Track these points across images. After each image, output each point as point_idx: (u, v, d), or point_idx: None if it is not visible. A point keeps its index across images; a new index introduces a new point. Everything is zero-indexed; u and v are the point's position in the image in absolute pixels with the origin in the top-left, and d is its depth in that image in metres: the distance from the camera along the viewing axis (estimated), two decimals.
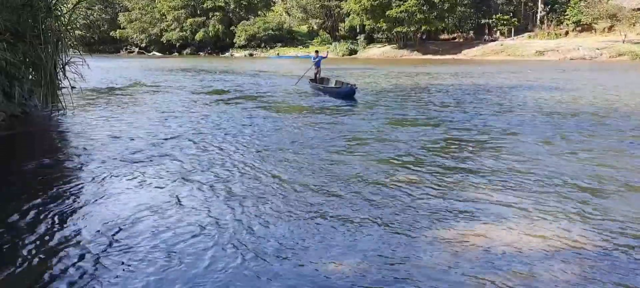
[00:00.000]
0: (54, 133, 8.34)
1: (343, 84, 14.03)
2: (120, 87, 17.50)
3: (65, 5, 9.98)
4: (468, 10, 56.17)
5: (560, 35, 49.58)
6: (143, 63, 39.76)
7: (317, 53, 17.18)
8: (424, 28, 52.64)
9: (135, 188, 4.95)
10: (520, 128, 8.58)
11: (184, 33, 68.27)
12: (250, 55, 61.56)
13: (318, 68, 16.59)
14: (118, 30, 70.84)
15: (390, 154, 6.46)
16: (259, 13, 68.52)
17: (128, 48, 72.85)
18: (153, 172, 5.54)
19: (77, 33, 10.77)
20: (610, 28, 46.19)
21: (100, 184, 5.05)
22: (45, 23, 8.73)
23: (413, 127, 8.77)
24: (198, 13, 68.96)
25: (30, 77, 9.37)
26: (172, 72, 27.39)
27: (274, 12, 69.76)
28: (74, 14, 10.02)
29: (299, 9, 64.00)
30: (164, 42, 69.64)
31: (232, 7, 67.65)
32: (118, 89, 16.53)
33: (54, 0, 9.20)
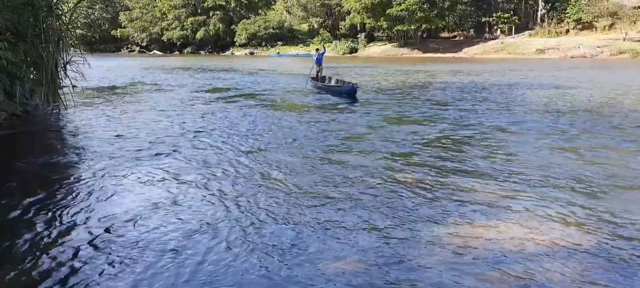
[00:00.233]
0: (55, 132, 8.38)
1: (344, 83, 14.06)
2: (121, 85, 17.54)
3: (66, 5, 10.02)
4: (468, 9, 56.07)
5: (561, 34, 49.53)
6: (144, 62, 39.79)
7: (317, 51, 17.24)
8: (425, 26, 52.65)
9: (137, 186, 4.99)
10: (521, 126, 8.60)
11: (185, 32, 68.33)
12: (251, 54, 61.56)
13: (320, 66, 16.64)
14: (119, 29, 70.90)
15: (390, 153, 6.50)
16: (260, 12, 68.52)
17: (129, 47, 72.89)
18: (154, 170, 5.58)
19: (78, 32, 10.82)
20: (611, 26, 46.17)
21: (102, 182, 5.08)
22: (47, 22, 8.77)
23: (412, 125, 8.79)
24: (199, 12, 68.98)
25: (32, 76, 9.41)
26: (172, 71, 27.41)
27: (275, 10, 69.73)
28: (75, 13, 10.06)
29: (300, 8, 63.98)
30: (165, 41, 69.70)
31: (232, 5, 67.65)
32: (119, 88, 16.57)
33: (55, 0, 9.24)
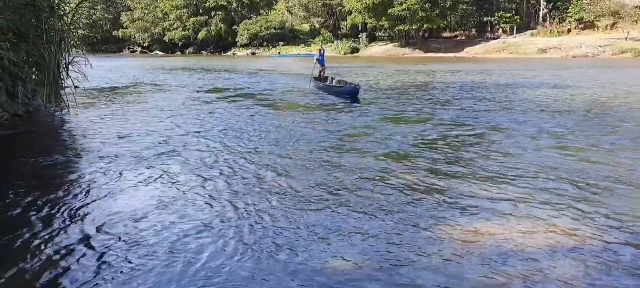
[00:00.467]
0: (57, 132, 8.41)
1: (346, 84, 14.04)
2: (123, 86, 17.57)
3: (68, 5, 10.05)
4: (470, 8, 56.01)
5: (563, 33, 49.42)
6: (145, 62, 39.85)
7: (319, 52, 17.20)
8: (426, 26, 52.56)
9: (139, 186, 5.01)
10: (522, 125, 8.60)
11: (187, 32, 68.37)
12: (253, 54, 61.57)
13: (322, 66, 16.63)
14: (121, 30, 70.95)
15: (391, 153, 6.51)
16: (261, 12, 68.50)
17: (131, 47, 72.97)
18: (156, 170, 5.60)
19: (79, 32, 10.83)
20: (613, 25, 46.06)
21: (104, 182, 5.10)
22: (48, 23, 8.80)
23: (413, 125, 8.80)
24: (200, 12, 69.01)
25: (34, 76, 9.44)
26: (174, 71, 27.45)
27: (276, 10, 69.71)
28: (77, 14, 10.09)
29: (301, 8, 63.95)
30: (167, 41, 69.73)
31: (234, 6, 67.67)
32: (121, 88, 16.61)
33: (57, 0, 9.26)
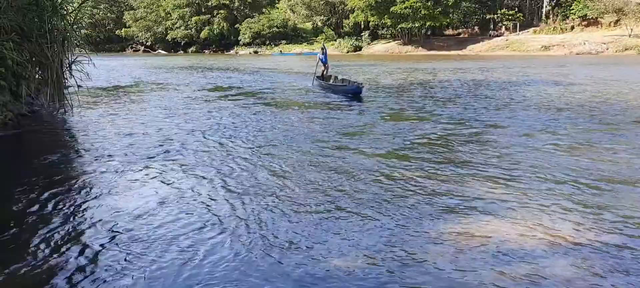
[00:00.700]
0: (61, 131, 8.46)
1: (350, 82, 14.00)
2: (126, 85, 17.63)
3: (71, 5, 10.10)
4: (473, 6, 55.78)
5: (566, 30, 49.17)
6: (148, 61, 39.93)
7: (322, 50, 17.16)
8: (429, 24, 52.38)
9: (143, 184, 5.05)
10: (525, 124, 8.60)
11: (189, 31, 68.46)
12: (255, 53, 61.60)
13: (325, 64, 16.57)
14: (123, 29, 71.14)
15: (393, 151, 6.52)
16: (263, 10, 68.51)
17: (134, 46, 73.12)
18: (159, 168, 5.63)
19: (82, 32, 10.88)
20: (616, 22, 45.80)
21: (107, 181, 5.14)
22: (51, 22, 8.84)
23: (415, 123, 8.81)
24: (203, 11, 69.07)
25: (37, 76, 9.49)
26: (177, 70, 27.50)
27: (279, 9, 69.66)
28: (80, 13, 10.14)
29: (303, 6, 63.86)
30: (169, 40, 69.83)
31: (236, 4, 67.69)
32: (124, 87, 16.66)
33: (60, 0, 9.31)
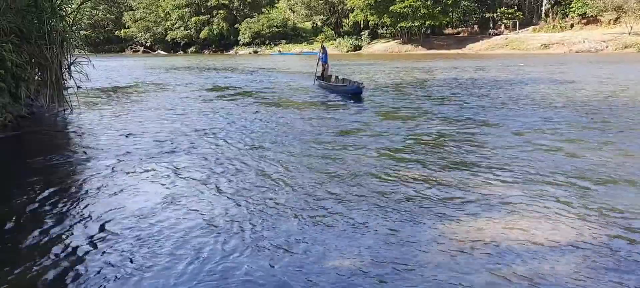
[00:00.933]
0: (61, 132, 8.47)
1: (350, 82, 13.97)
2: (126, 86, 17.64)
3: (70, 6, 10.11)
4: (472, 4, 55.77)
5: (566, 28, 49.15)
6: (148, 62, 39.95)
7: (322, 50, 17.12)
8: (428, 23, 52.38)
9: (143, 185, 5.06)
10: (525, 123, 8.61)
11: (189, 31, 68.48)
12: (255, 53, 61.61)
13: (325, 64, 16.53)
14: (123, 30, 71.14)
15: (392, 150, 6.53)
16: (263, 10, 68.52)
17: (133, 47, 73.15)
18: (159, 168, 5.64)
19: (82, 33, 10.90)
20: (616, 20, 45.75)
21: (107, 182, 5.14)
22: (51, 24, 8.86)
23: (414, 121, 8.80)
24: (202, 11, 69.08)
25: (36, 77, 9.50)
26: (177, 70, 27.51)
27: (278, 9, 69.67)
28: (79, 14, 10.16)
29: (303, 6, 63.83)
30: (169, 40, 69.86)
31: (235, 4, 67.70)
32: (123, 88, 16.67)
33: (59, 1, 9.31)
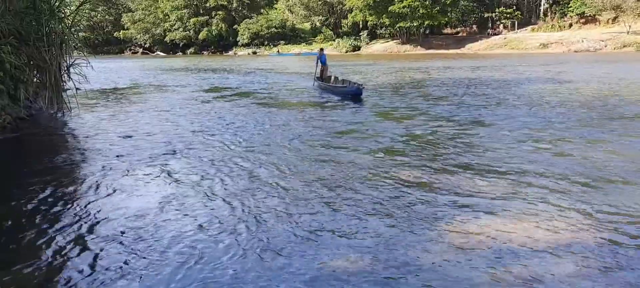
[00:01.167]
0: (60, 134, 8.45)
1: (350, 83, 13.94)
2: (124, 87, 17.63)
3: (69, 8, 10.11)
4: (471, 4, 55.87)
5: (564, 28, 49.23)
6: (147, 63, 39.93)
7: (321, 51, 17.14)
8: (427, 23, 52.45)
9: (141, 186, 5.05)
10: (524, 122, 8.61)
11: (188, 33, 68.48)
12: (254, 54, 61.62)
13: (324, 66, 16.53)
14: (122, 31, 71.16)
15: (391, 150, 6.53)
16: (262, 11, 68.55)
17: (132, 48, 73.18)
18: (157, 170, 5.63)
19: (80, 35, 10.90)
20: (615, 19, 45.84)
21: (106, 183, 5.13)
22: (49, 25, 8.84)
23: (413, 122, 8.81)
24: (201, 12, 69.09)
25: (35, 79, 9.49)
26: (176, 71, 27.51)
27: (277, 10, 69.70)
28: (78, 16, 10.15)
29: (302, 6, 63.88)
30: (168, 42, 69.87)
31: (234, 5, 67.72)
32: (122, 90, 16.65)
33: (57, 3, 9.30)
